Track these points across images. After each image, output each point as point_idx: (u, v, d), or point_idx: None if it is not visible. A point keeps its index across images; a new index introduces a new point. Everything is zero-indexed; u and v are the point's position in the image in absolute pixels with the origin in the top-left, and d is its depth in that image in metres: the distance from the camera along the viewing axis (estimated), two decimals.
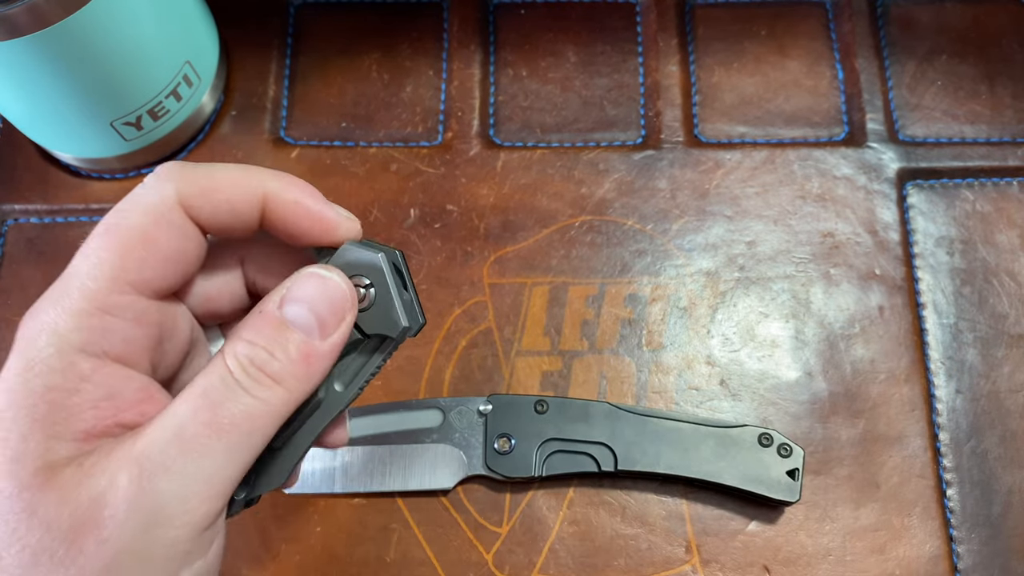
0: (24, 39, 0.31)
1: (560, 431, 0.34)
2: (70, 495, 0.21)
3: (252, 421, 0.23)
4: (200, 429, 0.22)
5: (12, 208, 0.41)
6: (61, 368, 0.22)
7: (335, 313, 0.24)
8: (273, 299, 0.24)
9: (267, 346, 0.23)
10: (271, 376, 0.23)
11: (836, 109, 0.42)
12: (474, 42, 0.43)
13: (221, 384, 0.23)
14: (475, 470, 0.35)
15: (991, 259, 0.39)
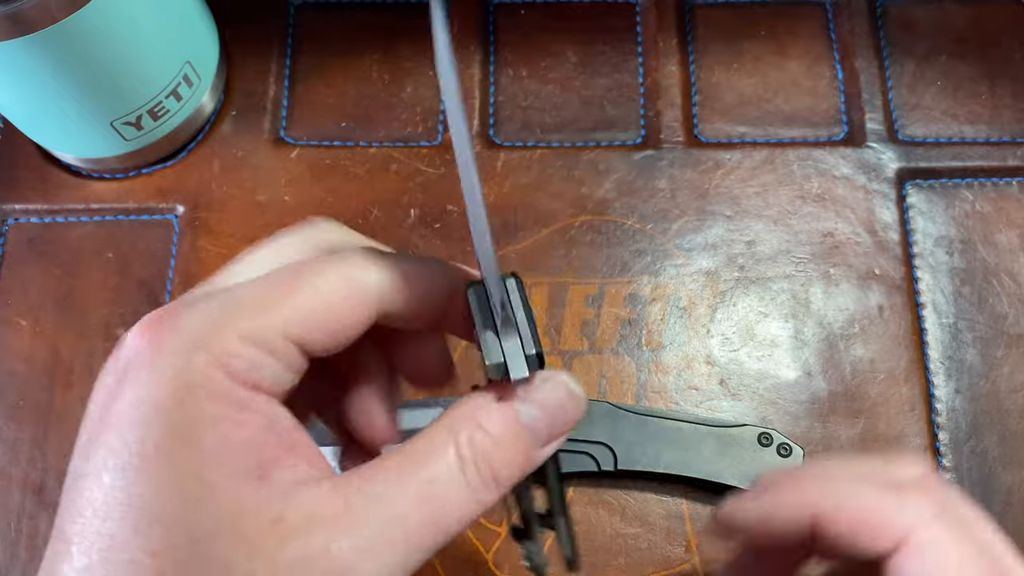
0: (24, 39, 0.31)
1: None
2: (269, 558, 0.19)
3: (462, 523, 0.21)
4: (421, 526, 0.20)
5: (12, 208, 0.41)
6: (221, 395, 0.20)
7: (564, 427, 0.23)
8: (520, 398, 0.22)
9: (503, 448, 0.22)
10: (496, 480, 0.22)
11: (836, 109, 0.42)
12: (474, 42, 0.43)
13: (447, 474, 0.21)
14: None
15: (991, 259, 0.39)
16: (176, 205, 0.40)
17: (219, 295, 0.22)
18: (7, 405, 0.37)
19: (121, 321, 0.38)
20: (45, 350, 0.38)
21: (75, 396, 0.37)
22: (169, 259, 0.39)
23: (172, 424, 0.19)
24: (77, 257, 0.40)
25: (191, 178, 0.41)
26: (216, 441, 0.19)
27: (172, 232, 0.40)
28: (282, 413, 0.21)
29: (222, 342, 0.20)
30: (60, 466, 0.36)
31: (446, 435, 0.21)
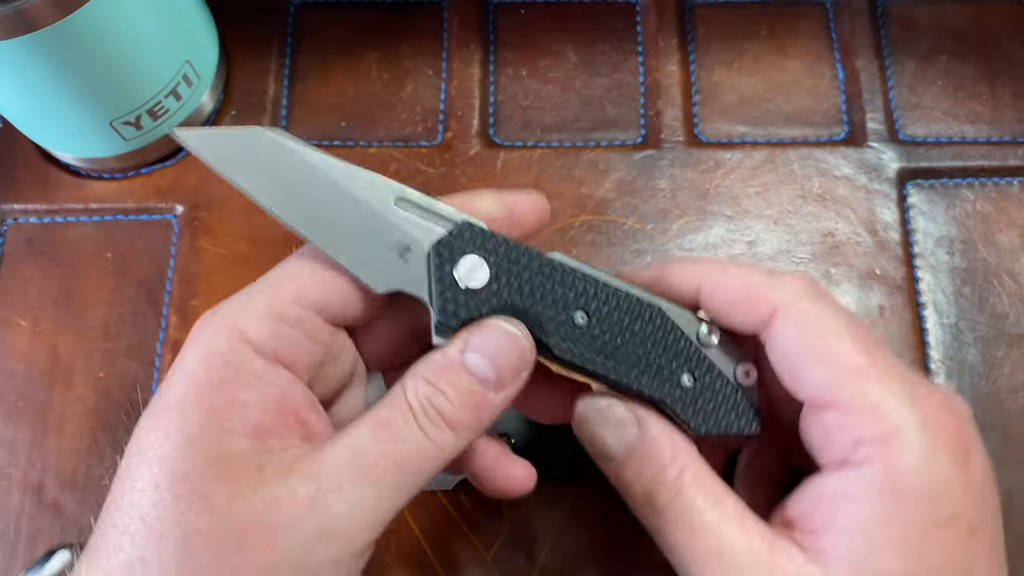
0: (23, 38, 0.31)
1: (560, 431, 0.34)
2: (246, 494, 0.22)
3: (422, 462, 0.23)
4: (378, 462, 0.23)
5: (12, 208, 0.41)
6: (237, 363, 0.24)
7: (512, 369, 0.25)
8: (457, 343, 0.25)
9: (445, 390, 0.24)
10: (445, 420, 0.24)
11: (836, 109, 0.42)
12: (474, 42, 0.43)
13: (401, 419, 0.24)
14: None
15: (991, 259, 0.39)
16: (175, 205, 0.40)
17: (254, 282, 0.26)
18: (6, 405, 0.37)
19: (121, 321, 0.38)
20: (44, 350, 0.38)
21: (74, 396, 0.37)
22: (168, 259, 0.39)
23: (193, 384, 0.23)
24: (76, 257, 0.40)
25: (190, 178, 0.41)
26: (223, 401, 0.23)
27: (171, 232, 0.40)
28: (298, 391, 0.24)
29: (245, 318, 0.24)
30: (59, 466, 0.36)
31: (400, 389, 0.24)
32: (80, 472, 0.36)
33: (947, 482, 0.23)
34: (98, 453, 0.36)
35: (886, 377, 0.23)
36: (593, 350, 0.26)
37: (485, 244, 0.25)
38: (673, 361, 0.26)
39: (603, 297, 0.26)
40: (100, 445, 0.37)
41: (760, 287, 0.25)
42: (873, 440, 0.23)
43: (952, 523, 0.23)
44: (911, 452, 0.23)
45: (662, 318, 0.26)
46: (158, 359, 0.38)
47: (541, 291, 0.25)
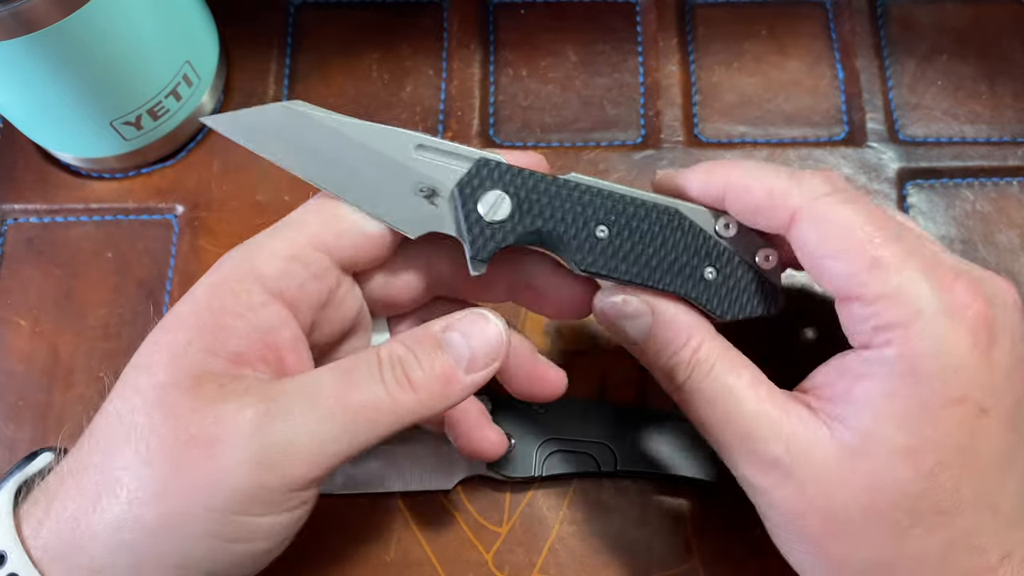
0: (24, 39, 0.31)
1: (560, 431, 0.34)
2: (203, 408, 0.23)
3: (377, 413, 0.24)
4: (331, 398, 0.24)
5: (12, 208, 0.41)
6: (237, 292, 0.25)
7: (487, 355, 0.26)
8: (440, 322, 0.26)
9: (417, 355, 0.25)
10: (410, 381, 0.25)
11: (836, 109, 0.42)
12: (474, 42, 0.43)
13: (366, 368, 0.24)
14: (475, 470, 0.35)
15: (991, 259, 0.39)
16: (176, 205, 0.40)
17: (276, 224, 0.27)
18: (6, 405, 0.37)
19: (121, 321, 0.38)
20: (44, 350, 0.38)
21: (75, 396, 0.37)
22: (168, 259, 0.39)
23: (194, 306, 0.25)
24: (76, 257, 0.40)
25: (191, 178, 0.41)
26: (213, 323, 0.25)
27: (171, 232, 0.40)
28: (287, 331, 0.26)
29: (260, 254, 0.26)
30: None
31: (375, 348, 0.25)
32: None
33: (962, 365, 0.24)
34: None
35: (906, 265, 0.24)
36: (616, 260, 0.27)
37: (504, 177, 0.27)
38: (695, 258, 0.28)
39: (621, 209, 0.27)
40: None
41: (780, 191, 0.26)
42: (893, 325, 0.24)
43: (960, 404, 0.24)
44: (928, 336, 0.24)
45: (679, 219, 0.28)
46: None
47: (562, 212, 0.27)
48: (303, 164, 0.27)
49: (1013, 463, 0.25)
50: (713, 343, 0.27)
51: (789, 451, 0.25)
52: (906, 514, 0.24)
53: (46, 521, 0.24)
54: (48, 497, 0.24)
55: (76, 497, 0.24)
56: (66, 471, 0.25)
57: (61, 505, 0.24)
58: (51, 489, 0.25)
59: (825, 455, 0.25)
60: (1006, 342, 0.25)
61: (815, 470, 0.25)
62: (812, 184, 0.26)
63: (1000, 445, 0.24)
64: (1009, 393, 0.25)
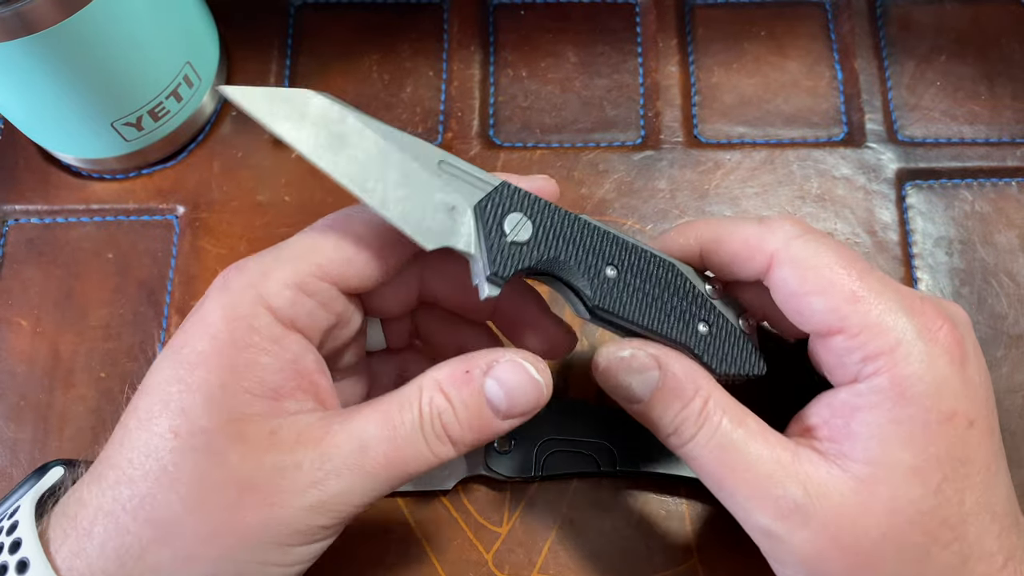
0: (25, 40, 0.31)
1: (560, 431, 0.34)
2: (257, 455, 0.24)
3: (418, 466, 0.26)
4: (379, 458, 0.25)
5: (13, 208, 0.41)
6: (259, 327, 0.25)
7: (525, 406, 0.26)
8: (480, 363, 0.26)
9: (457, 408, 0.25)
10: (451, 437, 0.26)
11: (835, 109, 0.42)
12: (474, 43, 0.43)
13: (409, 425, 0.25)
14: (475, 470, 0.35)
15: (990, 259, 0.39)
16: (176, 205, 0.41)
17: (277, 247, 0.27)
18: (7, 405, 0.37)
19: (121, 321, 0.38)
20: (45, 350, 0.38)
21: (75, 396, 0.37)
22: (169, 259, 0.40)
23: (217, 343, 0.25)
24: (77, 257, 0.40)
25: (191, 179, 0.41)
26: (245, 362, 0.25)
27: (172, 232, 0.40)
28: (310, 355, 0.26)
29: (268, 285, 0.25)
30: None
31: (417, 392, 0.26)
32: None
33: (946, 382, 0.25)
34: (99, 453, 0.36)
35: (882, 296, 0.26)
36: (625, 301, 0.28)
37: (524, 203, 0.27)
38: (689, 310, 0.28)
39: (628, 253, 0.28)
40: (101, 445, 0.37)
41: (755, 237, 0.28)
42: (878, 354, 0.25)
43: (952, 419, 0.25)
44: (913, 359, 0.25)
45: (676, 273, 0.29)
46: None
47: (576, 246, 0.28)
48: (331, 158, 0.27)
49: (999, 469, 0.27)
50: (720, 395, 0.27)
51: (808, 493, 0.26)
52: (923, 534, 0.25)
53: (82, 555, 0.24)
54: (79, 532, 0.24)
55: (116, 539, 0.24)
56: (95, 508, 0.25)
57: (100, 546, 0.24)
58: (82, 524, 0.25)
59: (842, 491, 0.25)
60: (974, 357, 0.27)
61: (835, 507, 0.25)
62: (784, 228, 0.28)
63: (987, 453, 0.26)
64: (985, 403, 0.26)
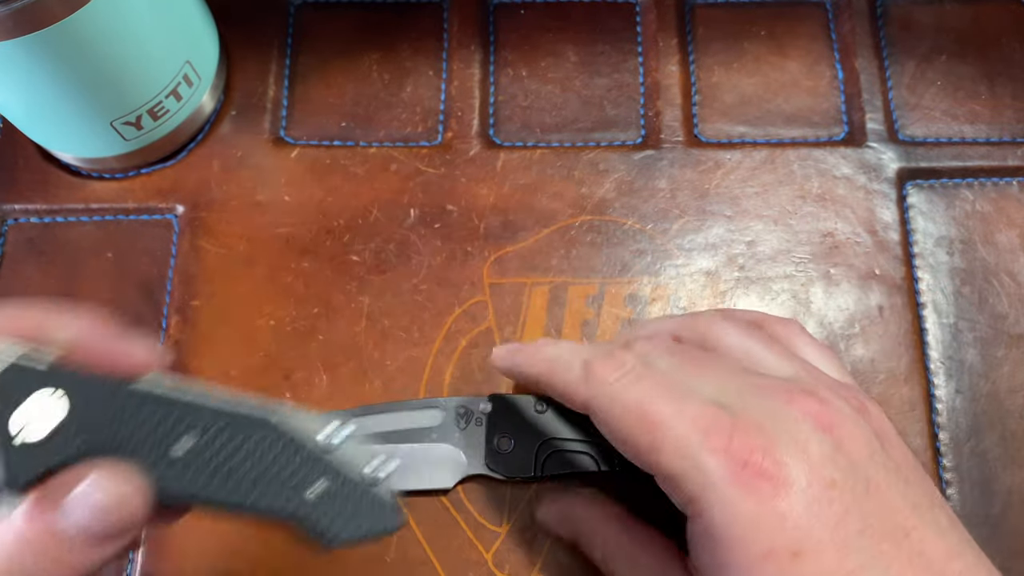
0: (24, 39, 0.31)
1: (560, 431, 0.34)
2: None
3: None
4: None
5: (12, 208, 0.41)
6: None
7: (110, 526, 0.22)
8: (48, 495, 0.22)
9: (19, 548, 0.21)
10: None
11: (836, 109, 0.42)
12: (474, 42, 0.43)
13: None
14: (475, 470, 0.35)
15: (991, 259, 0.39)
16: (176, 205, 0.40)
17: None
18: None
19: (121, 321, 0.38)
20: None
21: None
22: (169, 259, 0.39)
23: None
24: (77, 257, 0.40)
25: (191, 178, 0.41)
26: None
27: (172, 232, 0.40)
28: None
29: None
30: None
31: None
32: None
33: (753, 522, 0.25)
34: None
35: (681, 445, 0.26)
36: (199, 481, 0.23)
37: (50, 382, 0.22)
38: (295, 475, 0.24)
39: (206, 421, 0.23)
40: None
41: (573, 385, 0.29)
42: (685, 503, 0.26)
43: (770, 556, 0.25)
44: (713, 507, 0.25)
45: (275, 432, 0.24)
46: None
47: (130, 427, 0.23)
48: None
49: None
50: (613, 540, 0.30)
51: None
52: None
53: None
54: None
55: None
56: None
57: None
58: None
59: None
60: (798, 475, 0.25)
61: None
62: (598, 373, 0.28)
63: (828, 574, 0.25)
64: (818, 523, 0.25)
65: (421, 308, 0.38)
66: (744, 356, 0.30)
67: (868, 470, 0.26)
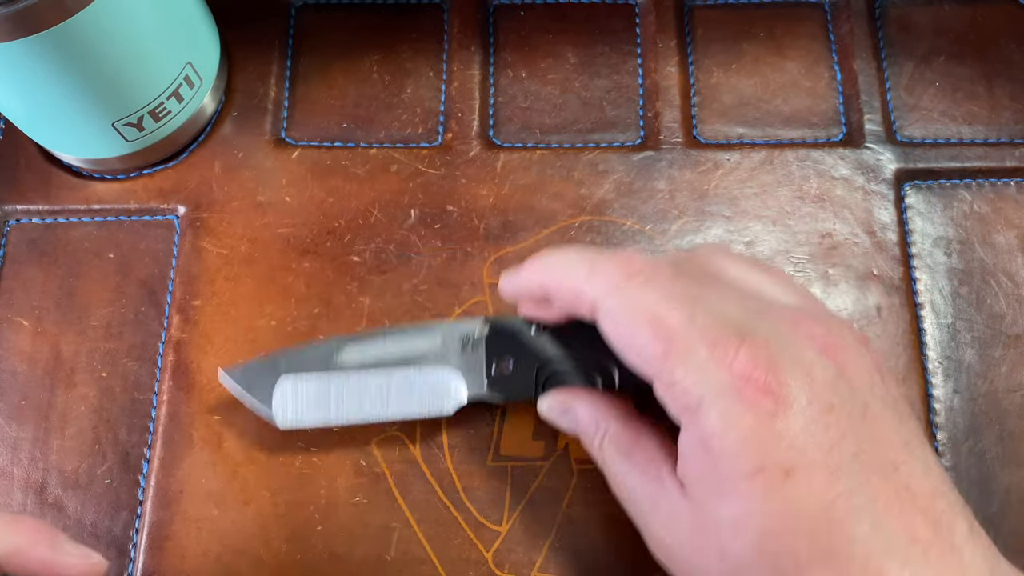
0: (26, 40, 0.32)
1: (559, 354, 0.33)
2: None
3: None
4: None
5: (14, 208, 0.41)
6: None
7: None
8: None
9: None
10: None
11: (834, 110, 0.42)
12: (474, 43, 0.44)
13: None
14: (475, 392, 0.34)
15: (989, 259, 0.39)
16: (177, 206, 0.41)
17: None
18: (9, 405, 0.37)
19: (123, 321, 0.39)
20: (47, 350, 0.38)
21: (77, 396, 0.37)
22: (170, 259, 0.40)
23: None
24: (78, 257, 0.40)
25: (192, 179, 0.41)
26: None
27: (173, 232, 0.40)
28: None
29: None
30: (61, 466, 0.36)
31: None
32: (82, 472, 0.36)
33: (749, 438, 0.25)
34: (100, 453, 0.37)
35: (690, 353, 0.26)
36: None
37: None
38: None
39: None
40: (102, 445, 0.37)
41: (579, 287, 0.29)
42: (683, 410, 0.26)
43: (760, 473, 0.25)
44: (711, 418, 0.25)
45: None
46: (160, 359, 0.38)
47: None
48: None
49: (849, 511, 0.25)
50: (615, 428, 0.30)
51: (666, 529, 0.28)
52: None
53: None
54: None
55: None
56: None
57: None
58: None
59: (687, 528, 0.27)
60: (799, 395, 0.25)
61: (680, 543, 0.27)
62: (603, 278, 0.28)
63: (821, 498, 0.25)
64: (814, 445, 0.25)
65: (421, 308, 0.38)
66: (747, 286, 0.30)
67: (866, 398, 0.26)
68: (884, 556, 0.25)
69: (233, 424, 0.37)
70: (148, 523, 0.36)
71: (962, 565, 0.25)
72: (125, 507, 0.36)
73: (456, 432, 0.37)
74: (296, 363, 0.34)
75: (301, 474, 0.36)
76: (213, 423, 0.37)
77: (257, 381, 0.34)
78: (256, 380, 0.34)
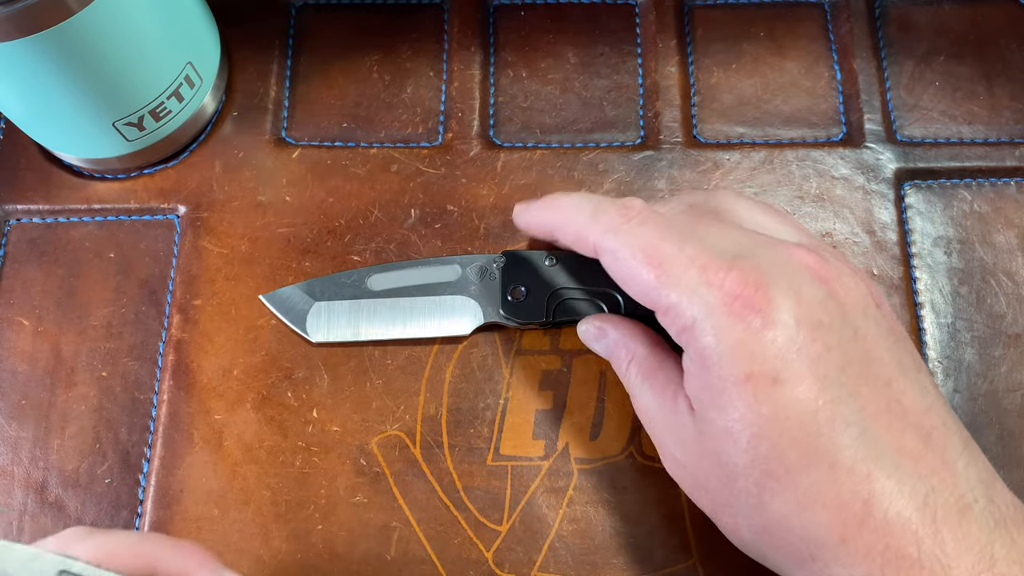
0: (26, 40, 0.32)
1: (569, 282, 0.36)
2: None
3: None
4: None
5: (15, 208, 0.41)
6: None
7: None
8: None
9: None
10: None
11: (834, 110, 0.42)
12: (474, 43, 0.44)
13: None
14: (490, 317, 0.37)
15: (988, 259, 0.39)
16: (178, 205, 0.41)
17: None
18: (9, 404, 0.37)
19: (123, 321, 0.39)
20: (47, 350, 0.38)
21: (77, 395, 0.37)
22: (171, 259, 0.40)
23: None
24: (79, 257, 0.40)
25: (193, 178, 0.41)
26: None
27: (174, 232, 0.40)
28: None
29: None
30: (62, 465, 0.37)
31: None
32: (83, 471, 0.36)
33: (737, 347, 0.27)
34: (100, 452, 0.37)
35: (681, 278, 0.28)
36: None
37: None
38: None
39: None
40: (103, 444, 0.37)
41: (583, 229, 0.32)
42: (683, 330, 0.28)
43: (749, 380, 0.27)
44: (704, 333, 0.28)
45: None
46: (160, 359, 0.38)
47: None
48: None
49: (835, 418, 0.26)
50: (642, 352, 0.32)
51: (677, 442, 0.30)
52: (755, 484, 0.27)
53: None
54: None
55: None
56: None
57: None
58: None
59: (693, 442, 0.29)
60: (787, 311, 0.27)
61: (688, 457, 0.30)
62: (607, 217, 0.31)
63: (808, 405, 0.26)
64: (800, 355, 0.27)
65: None
66: (753, 225, 0.32)
67: (857, 320, 0.28)
68: (871, 463, 0.26)
69: (233, 424, 0.37)
70: (148, 523, 0.36)
71: (954, 479, 0.26)
72: (125, 507, 0.36)
73: (456, 432, 0.37)
74: (328, 290, 0.38)
75: (301, 474, 0.36)
76: (213, 423, 0.37)
77: (292, 305, 0.38)
78: (292, 304, 0.38)
